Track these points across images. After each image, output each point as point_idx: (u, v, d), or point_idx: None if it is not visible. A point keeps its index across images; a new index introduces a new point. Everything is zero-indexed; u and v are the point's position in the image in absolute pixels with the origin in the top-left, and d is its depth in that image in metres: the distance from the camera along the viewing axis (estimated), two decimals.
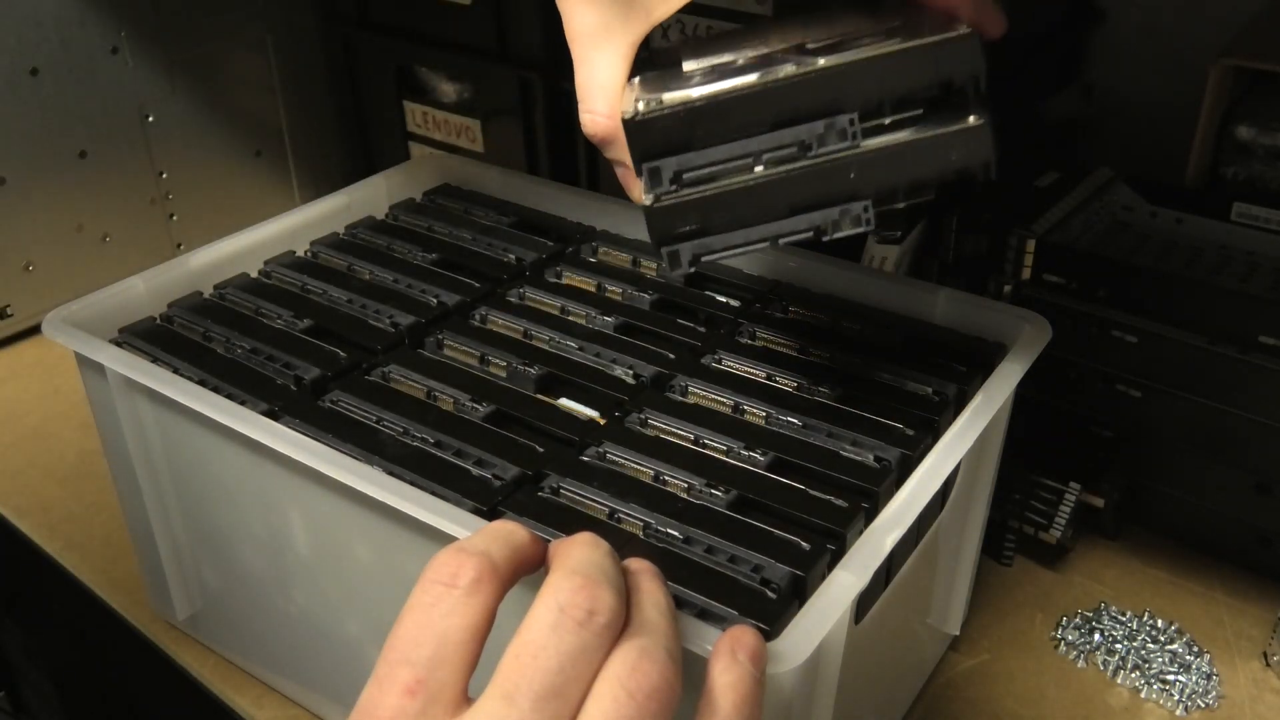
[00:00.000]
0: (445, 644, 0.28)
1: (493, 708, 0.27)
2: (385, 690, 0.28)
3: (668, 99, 0.33)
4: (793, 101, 0.33)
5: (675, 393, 0.47)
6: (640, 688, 0.28)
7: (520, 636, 0.28)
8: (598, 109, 0.40)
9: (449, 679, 0.28)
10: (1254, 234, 0.59)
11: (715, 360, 0.49)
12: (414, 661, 0.28)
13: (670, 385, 0.47)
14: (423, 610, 0.29)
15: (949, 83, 0.33)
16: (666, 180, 0.34)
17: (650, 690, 0.28)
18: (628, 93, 0.37)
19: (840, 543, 0.38)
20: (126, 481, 0.51)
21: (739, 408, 0.45)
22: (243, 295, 0.54)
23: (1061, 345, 0.52)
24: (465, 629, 0.29)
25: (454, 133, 0.84)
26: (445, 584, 0.29)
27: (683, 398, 0.46)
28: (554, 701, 0.27)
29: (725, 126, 0.34)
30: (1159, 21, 0.72)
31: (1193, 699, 0.52)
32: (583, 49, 0.40)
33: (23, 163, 0.77)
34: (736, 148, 0.34)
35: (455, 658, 0.28)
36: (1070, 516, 0.58)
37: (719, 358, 0.49)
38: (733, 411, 0.45)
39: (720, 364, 0.49)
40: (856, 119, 0.34)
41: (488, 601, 0.29)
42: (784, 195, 0.34)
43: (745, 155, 0.34)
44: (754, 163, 0.34)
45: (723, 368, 0.48)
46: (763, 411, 0.45)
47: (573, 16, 0.41)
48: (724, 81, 0.34)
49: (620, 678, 0.28)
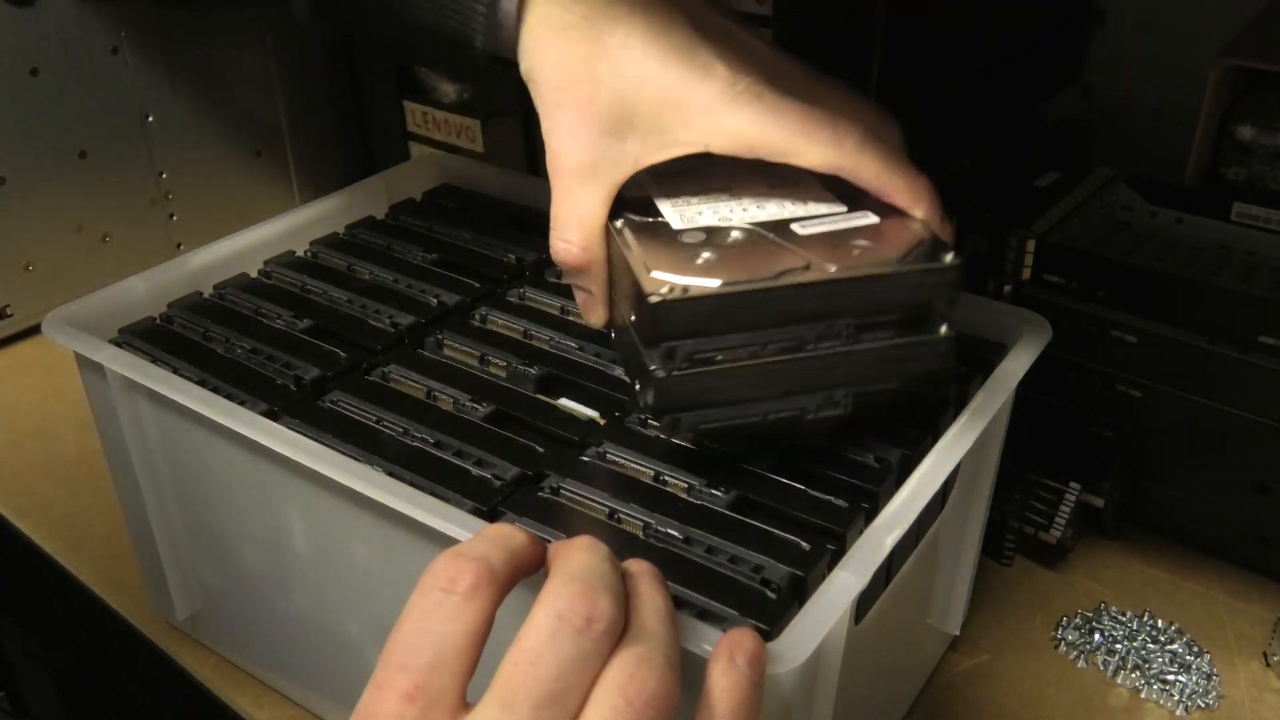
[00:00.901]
0: (444, 649, 0.28)
1: (491, 714, 0.27)
2: (384, 695, 0.28)
3: (693, 288, 0.37)
4: (806, 304, 0.38)
5: None
6: (638, 695, 0.28)
7: (519, 643, 0.28)
8: (572, 239, 0.42)
9: (447, 684, 0.28)
10: (1254, 234, 0.59)
11: None
12: (412, 667, 0.28)
13: None
14: (421, 615, 0.29)
15: (933, 301, 0.39)
16: (680, 359, 0.37)
17: (648, 698, 0.28)
18: (633, 255, 0.40)
19: (840, 543, 0.38)
20: (126, 481, 0.51)
21: None
22: (242, 295, 0.54)
23: (1061, 345, 0.52)
24: (464, 634, 0.29)
25: (454, 133, 0.84)
26: (443, 589, 0.29)
27: None
28: (552, 708, 0.27)
29: (742, 319, 0.37)
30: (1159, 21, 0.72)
31: (1193, 699, 0.52)
32: (566, 183, 0.42)
33: (23, 163, 0.77)
34: (747, 337, 0.38)
35: (454, 663, 0.28)
36: (1070, 516, 0.58)
37: None
38: None
39: None
40: (853, 323, 0.38)
41: (486, 606, 0.29)
42: (781, 381, 0.39)
43: (753, 344, 0.38)
44: (759, 351, 0.38)
45: None
46: None
47: (561, 152, 0.42)
48: (731, 262, 0.38)
49: (618, 685, 0.28)
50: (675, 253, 0.39)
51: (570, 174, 0.42)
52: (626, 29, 0.41)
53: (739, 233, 0.41)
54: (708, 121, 0.41)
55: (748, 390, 0.39)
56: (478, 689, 0.28)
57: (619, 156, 0.42)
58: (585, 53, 0.41)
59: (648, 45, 0.41)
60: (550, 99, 0.42)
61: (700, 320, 0.37)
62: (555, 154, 0.42)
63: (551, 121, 0.42)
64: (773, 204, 0.43)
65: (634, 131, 0.41)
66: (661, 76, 0.41)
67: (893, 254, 0.39)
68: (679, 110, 0.41)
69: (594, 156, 0.41)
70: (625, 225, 0.42)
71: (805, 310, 0.38)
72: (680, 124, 0.41)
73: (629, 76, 0.41)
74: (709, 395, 0.38)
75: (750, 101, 0.40)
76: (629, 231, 0.41)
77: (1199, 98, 0.61)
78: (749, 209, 0.43)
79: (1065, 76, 0.75)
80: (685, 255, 0.39)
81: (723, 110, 0.40)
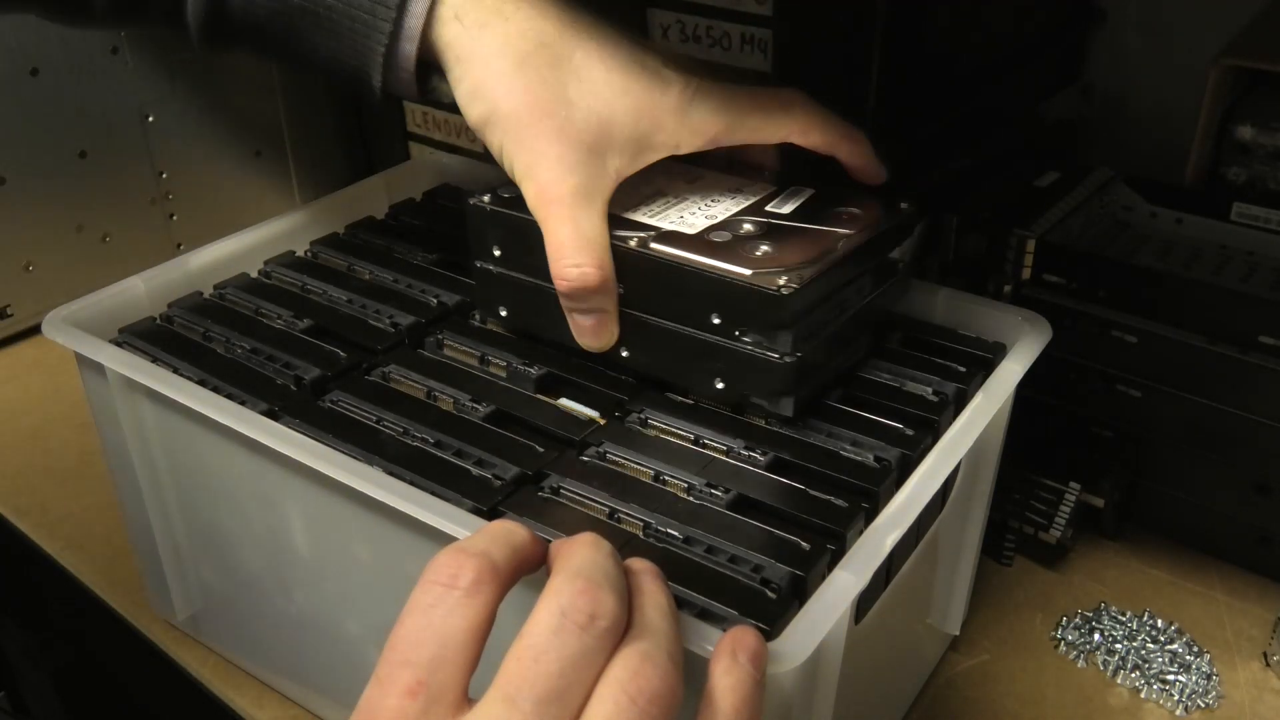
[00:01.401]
0: (446, 645, 0.28)
1: (494, 711, 0.27)
2: (386, 691, 0.28)
3: (804, 275, 0.42)
4: (861, 264, 0.46)
5: (676, 392, 0.47)
6: (642, 692, 0.28)
7: (522, 640, 0.28)
8: (587, 262, 0.42)
9: (450, 680, 0.28)
10: (1254, 234, 0.60)
11: None
12: (415, 663, 0.28)
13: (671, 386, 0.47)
14: (423, 611, 0.29)
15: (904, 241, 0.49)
16: (802, 338, 0.42)
17: (652, 695, 0.28)
18: (704, 261, 0.43)
19: (840, 543, 0.38)
20: (126, 481, 0.51)
21: (739, 407, 0.45)
22: (242, 295, 0.54)
23: (1061, 345, 0.52)
24: (466, 630, 0.29)
25: (454, 133, 0.84)
26: (445, 585, 0.29)
27: (683, 398, 0.46)
28: (555, 705, 0.27)
29: (829, 290, 0.44)
30: (1159, 21, 0.72)
31: (1193, 699, 0.52)
32: (566, 209, 0.42)
33: (23, 163, 0.77)
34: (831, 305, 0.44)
35: (456, 659, 0.28)
36: (1070, 516, 0.58)
37: None
38: (733, 411, 0.45)
39: None
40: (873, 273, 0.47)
41: (488, 602, 0.29)
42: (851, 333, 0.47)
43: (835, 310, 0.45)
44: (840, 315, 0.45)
45: None
46: (763, 411, 0.45)
47: (550, 183, 0.42)
48: (786, 248, 0.44)
49: (622, 682, 0.28)
50: (738, 251, 0.43)
51: (567, 200, 0.42)
52: (584, 50, 0.42)
53: (749, 225, 0.45)
54: (678, 122, 0.43)
55: (836, 350, 0.45)
56: (479, 687, 0.28)
57: (604, 172, 0.43)
58: (552, 79, 0.42)
59: (607, 62, 0.42)
60: (526, 131, 0.42)
61: (812, 301, 0.42)
62: (546, 184, 0.42)
63: (532, 154, 0.42)
64: (725, 196, 0.48)
65: (613, 146, 0.43)
66: (631, 87, 0.42)
67: (873, 213, 0.46)
68: (652, 117, 0.43)
69: (584, 177, 0.42)
70: (644, 242, 0.44)
71: (857, 270, 0.45)
72: (655, 130, 0.43)
73: (601, 94, 0.42)
74: (820, 362, 0.44)
75: (705, 97, 0.43)
76: (658, 244, 0.44)
77: (1199, 98, 0.61)
78: (721, 203, 0.47)
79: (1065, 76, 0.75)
80: (747, 251, 0.43)
81: (688, 110, 0.43)
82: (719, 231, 0.45)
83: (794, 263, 0.42)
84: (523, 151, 0.43)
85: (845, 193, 0.48)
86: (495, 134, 0.43)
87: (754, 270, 0.42)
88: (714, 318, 0.43)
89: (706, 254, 0.43)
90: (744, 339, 0.42)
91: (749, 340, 0.42)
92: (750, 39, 0.59)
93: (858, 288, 0.45)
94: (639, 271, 0.44)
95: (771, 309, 0.41)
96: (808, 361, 0.43)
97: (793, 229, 0.45)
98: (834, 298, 0.44)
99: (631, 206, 0.47)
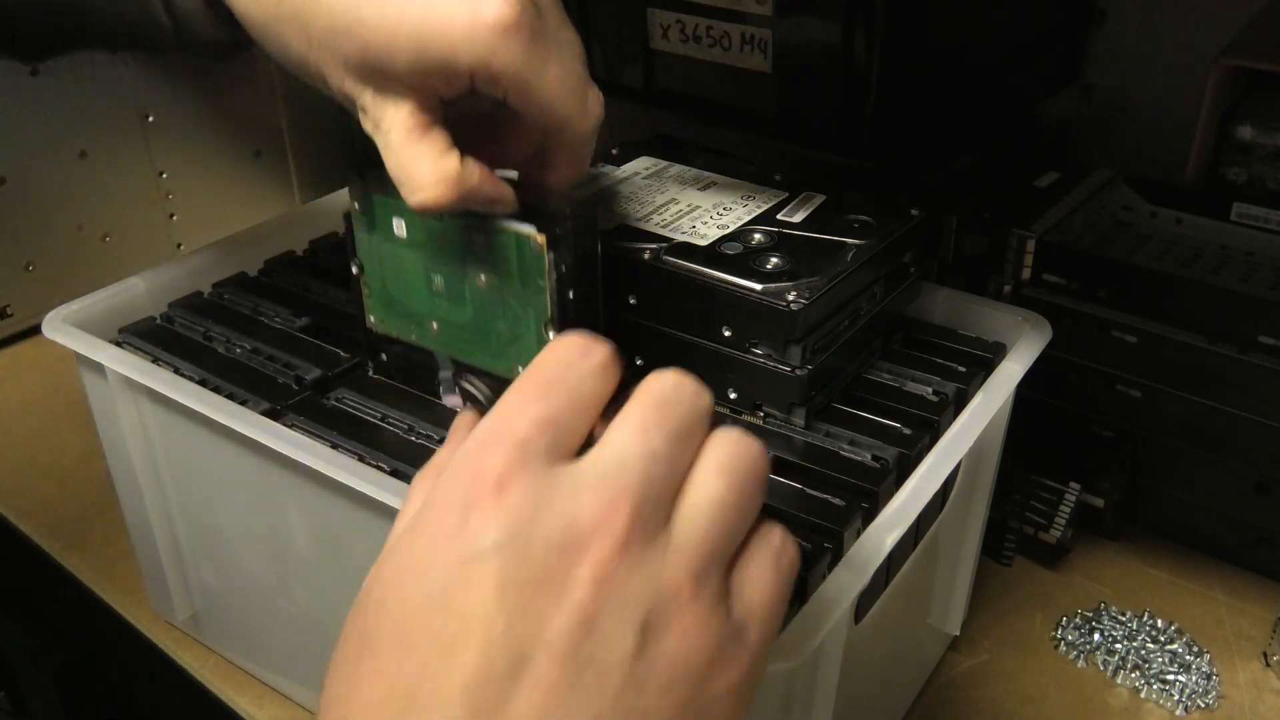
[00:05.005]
0: (580, 397, 0.28)
1: (626, 436, 0.28)
2: (514, 421, 0.28)
3: (812, 290, 0.42)
4: (875, 271, 0.46)
5: None
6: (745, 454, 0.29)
7: (644, 389, 0.29)
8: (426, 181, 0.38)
9: (578, 428, 0.28)
10: (1254, 234, 0.60)
11: None
12: (549, 399, 0.28)
13: None
14: (558, 367, 0.29)
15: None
16: (812, 351, 0.43)
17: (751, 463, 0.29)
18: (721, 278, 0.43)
19: (839, 542, 0.38)
20: (126, 481, 0.51)
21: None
22: (243, 295, 0.54)
23: (1061, 345, 0.52)
24: (594, 395, 0.29)
25: None
26: (579, 355, 0.29)
27: None
28: (683, 443, 0.28)
29: (839, 300, 0.44)
30: (1159, 21, 0.72)
31: (1193, 699, 0.52)
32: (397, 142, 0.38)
33: (23, 163, 0.77)
34: (843, 313, 0.45)
35: (584, 415, 0.28)
36: (1070, 516, 0.58)
37: None
38: (731, 411, 0.45)
39: None
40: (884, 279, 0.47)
41: (609, 387, 0.29)
42: (862, 339, 0.47)
43: (847, 317, 0.45)
44: (852, 323, 0.45)
45: None
46: (761, 410, 0.45)
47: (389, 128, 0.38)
48: (800, 259, 0.44)
49: (724, 445, 0.29)
50: (748, 265, 0.44)
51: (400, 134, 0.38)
52: None
53: (760, 235, 0.46)
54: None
55: (848, 358, 0.46)
56: None
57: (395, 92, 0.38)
58: None
59: None
60: None
61: (821, 315, 0.43)
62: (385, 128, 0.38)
63: None
64: (737, 204, 0.48)
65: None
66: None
67: (884, 221, 0.47)
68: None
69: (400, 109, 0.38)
70: (657, 254, 0.44)
71: (868, 279, 0.46)
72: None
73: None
74: (832, 372, 0.45)
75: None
76: (670, 257, 0.44)
77: (1199, 98, 0.61)
78: (732, 211, 0.48)
79: (1065, 76, 0.75)
80: (757, 265, 0.44)
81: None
82: (730, 243, 0.45)
83: (804, 276, 0.43)
84: None
85: (856, 199, 0.49)
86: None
87: (764, 285, 0.42)
88: (725, 330, 0.43)
89: (718, 267, 0.43)
90: (755, 350, 0.43)
91: (760, 352, 0.43)
92: (750, 39, 0.59)
93: (869, 296, 0.46)
94: (652, 283, 0.44)
95: (781, 324, 0.42)
96: (819, 373, 0.43)
97: (804, 239, 0.46)
98: (845, 309, 0.44)
99: (644, 215, 0.47)
